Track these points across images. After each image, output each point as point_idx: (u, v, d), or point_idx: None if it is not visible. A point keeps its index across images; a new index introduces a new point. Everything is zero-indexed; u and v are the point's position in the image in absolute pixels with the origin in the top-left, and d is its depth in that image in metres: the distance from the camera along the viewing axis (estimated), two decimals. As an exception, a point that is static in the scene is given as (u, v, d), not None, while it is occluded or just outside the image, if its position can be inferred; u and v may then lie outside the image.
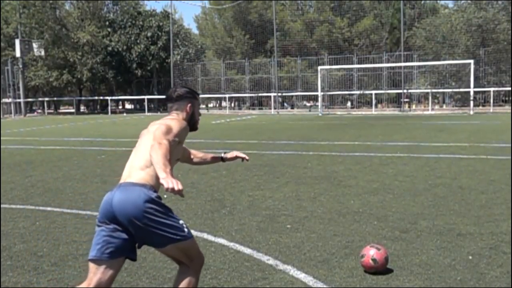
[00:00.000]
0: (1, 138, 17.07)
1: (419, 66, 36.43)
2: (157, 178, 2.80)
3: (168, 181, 2.57)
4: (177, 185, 2.57)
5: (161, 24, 45.19)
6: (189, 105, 3.23)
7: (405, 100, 36.45)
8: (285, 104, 44.06)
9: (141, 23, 45.47)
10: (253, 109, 41.72)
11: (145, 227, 2.85)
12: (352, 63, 37.75)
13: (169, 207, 2.99)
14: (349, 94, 39.47)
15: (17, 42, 38.88)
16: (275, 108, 37.42)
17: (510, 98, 35.93)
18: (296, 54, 41.10)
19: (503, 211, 5.93)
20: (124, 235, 2.92)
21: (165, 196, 7.26)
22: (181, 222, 2.96)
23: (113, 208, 2.88)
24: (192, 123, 3.24)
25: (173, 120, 3.09)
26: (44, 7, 40.89)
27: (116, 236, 2.92)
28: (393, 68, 36.61)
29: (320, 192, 7.29)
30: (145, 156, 2.93)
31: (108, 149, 13.51)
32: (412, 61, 36.39)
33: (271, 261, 4.42)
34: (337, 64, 37.81)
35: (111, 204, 2.89)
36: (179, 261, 3.05)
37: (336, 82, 38.93)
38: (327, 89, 37.40)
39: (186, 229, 2.96)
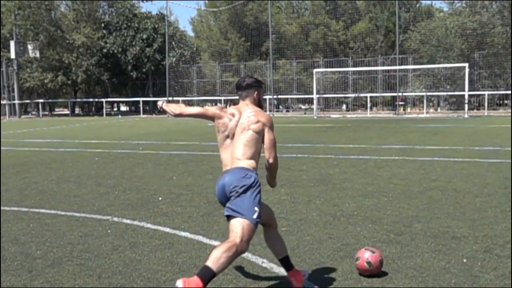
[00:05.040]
0: (-4, 139, 17.02)
1: (414, 69, 36.47)
2: (257, 164, 3.61)
3: None
4: None
5: (156, 26, 45.12)
6: (256, 92, 3.81)
7: (400, 103, 36.50)
8: (280, 107, 44.09)
9: (136, 25, 45.39)
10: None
11: (233, 194, 3.47)
12: (347, 66, 37.80)
13: (259, 198, 3.60)
14: (344, 97, 39.52)
15: (12, 43, 38.75)
16: (270, 111, 37.44)
17: (510, 101, 35.99)
18: (291, 57, 41.14)
19: (497, 214, 5.95)
20: None
21: (160, 198, 7.25)
22: (256, 208, 3.49)
23: (226, 189, 3.49)
24: (259, 107, 3.79)
25: (268, 127, 3.67)
26: (39, 9, 40.74)
27: None
28: (388, 71, 36.70)
29: (315, 195, 7.30)
30: (245, 147, 3.59)
31: (103, 151, 13.48)
32: (407, 64, 36.46)
33: (266, 264, 4.42)
34: (332, 67, 37.87)
35: (224, 186, 3.51)
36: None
37: (331, 85, 38.99)
38: (322, 92, 37.46)
39: (256, 214, 3.47)
